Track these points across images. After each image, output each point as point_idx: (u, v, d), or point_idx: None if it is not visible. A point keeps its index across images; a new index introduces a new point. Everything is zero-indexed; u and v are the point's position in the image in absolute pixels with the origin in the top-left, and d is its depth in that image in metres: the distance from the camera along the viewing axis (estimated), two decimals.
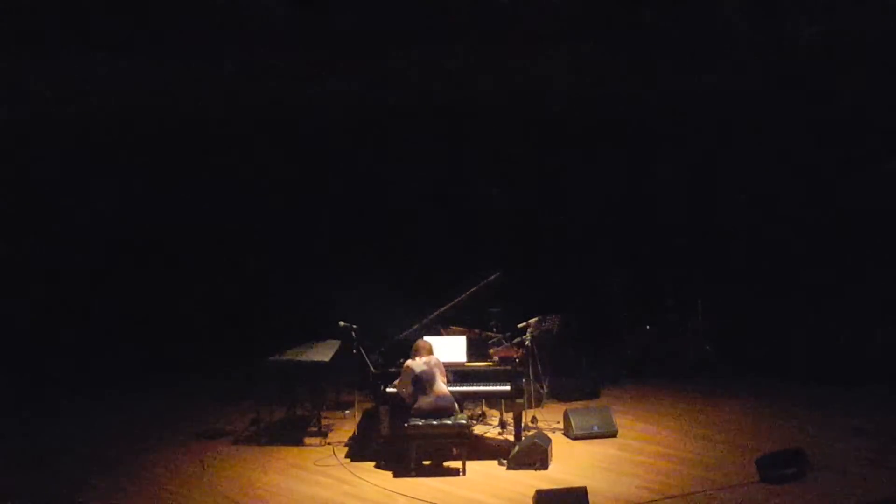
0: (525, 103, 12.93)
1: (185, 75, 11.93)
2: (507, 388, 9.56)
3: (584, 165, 13.27)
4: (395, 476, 9.02)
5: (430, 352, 9.32)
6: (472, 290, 9.89)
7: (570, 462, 9.34)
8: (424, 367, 9.15)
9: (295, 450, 9.85)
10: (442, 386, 9.18)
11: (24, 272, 12.89)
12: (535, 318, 10.33)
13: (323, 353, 10.38)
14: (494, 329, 10.46)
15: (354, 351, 9.82)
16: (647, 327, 12.83)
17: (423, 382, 9.11)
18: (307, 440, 10.08)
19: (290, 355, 10.33)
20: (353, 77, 12.34)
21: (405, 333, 9.82)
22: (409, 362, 9.23)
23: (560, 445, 9.70)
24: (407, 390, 9.17)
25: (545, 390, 11.16)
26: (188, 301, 13.22)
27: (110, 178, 13.16)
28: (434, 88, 12.60)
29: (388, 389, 9.50)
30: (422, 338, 9.48)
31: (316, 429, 10.29)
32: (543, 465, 9.10)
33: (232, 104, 12.86)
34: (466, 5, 11.12)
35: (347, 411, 10.87)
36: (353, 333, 9.82)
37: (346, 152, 13.42)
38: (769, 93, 12.34)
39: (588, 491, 8.07)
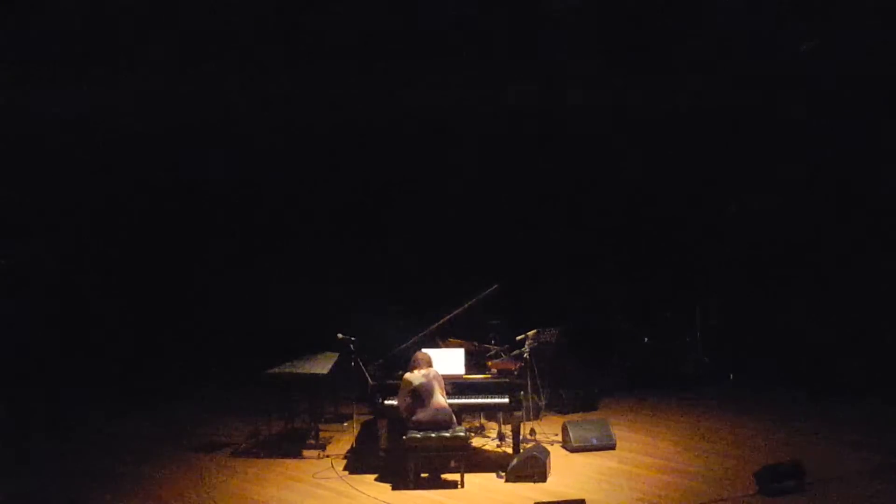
0: (523, 113, 12.99)
1: None
2: (506, 400, 9.55)
3: (582, 173, 13.30)
4: (394, 489, 9.00)
5: (428, 364, 9.31)
6: (470, 302, 9.90)
7: (568, 474, 9.33)
8: (423, 380, 9.15)
9: (293, 462, 9.83)
10: (440, 398, 9.16)
11: (25, 281, 12.94)
12: (534, 331, 10.33)
13: (321, 365, 10.38)
14: (493, 341, 10.47)
15: (353, 363, 9.82)
16: (646, 339, 12.84)
17: (421, 395, 9.09)
18: (305, 453, 10.07)
19: (288, 368, 10.33)
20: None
21: (404, 345, 9.81)
22: (407, 375, 9.22)
23: (558, 458, 9.70)
24: (405, 403, 9.16)
25: (543, 402, 11.16)
26: (188, 313, 13.23)
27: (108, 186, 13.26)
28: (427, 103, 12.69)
29: (387, 402, 9.49)
30: (420, 350, 9.48)
31: (314, 441, 10.29)
32: (542, 477, 9.09)
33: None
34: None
35: (346, 424, 10.86)
36: (352, 346, 9.82)
37: (349, 161, 13.46)
38: (766, 100, 12.39)
39: (586, 503, 8.07)
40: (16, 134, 12.28)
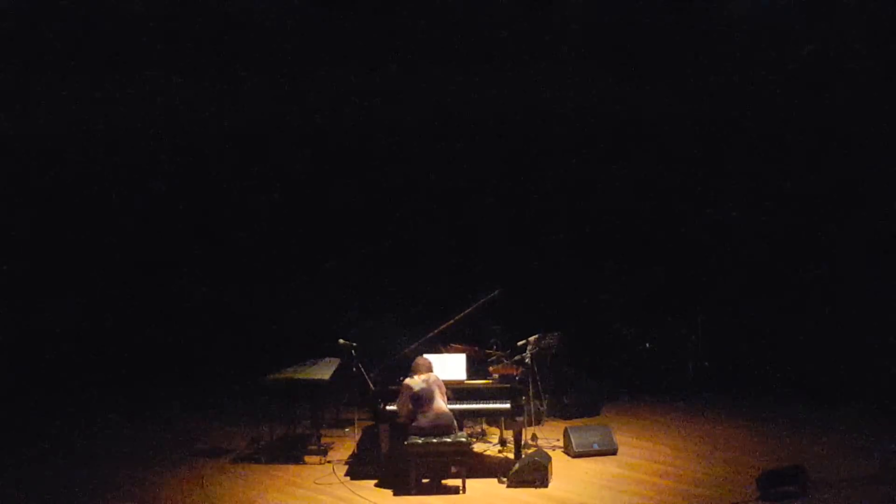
0: (522, 118, 12.99)
1: None
2: (507, 405, 9.55)
3: (582, 178, 13.30)
4: (395, 494, 9.00)
5: (429, 369, 9.31)
6: (472, 307, 9.90)
7: (569, 480, 9.32)
8: (423, 385, 9.15)
9: (295, 468, 9.83)
10: (441, 404, 9.16)
11: (28, 293, 12.97)
12: (535, 336, 10.32)
13: (322, 371, 10.37)
14: (494, 346, 10.46)
15: (354, 369, 9.82)
16: (647, 344, 12.82)
17: (422, 400, 9.09)
18: (307, 458, 10.06)
19: (289, 373, 10.32)
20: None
21: (405, 351, 9.82)
22: (408, 380, 9.22)
23: (560, 463, 9.69)
24: (406, 408, 9.16)
25: (545, 408, 11.14)
26: (188, 318, 13.23)
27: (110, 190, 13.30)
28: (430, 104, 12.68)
29: (388, 407, 9.49)
30: (421, 355, 9.48)
31: (316, 447, 10.29)
32: (543, 482, 9.08)
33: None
34: None
35: (347, 429, 10.84)
36: (353, 351, 9.82)
37: (346, 164, 13.46)
38: (765, 102, 12.39)
39: None
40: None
